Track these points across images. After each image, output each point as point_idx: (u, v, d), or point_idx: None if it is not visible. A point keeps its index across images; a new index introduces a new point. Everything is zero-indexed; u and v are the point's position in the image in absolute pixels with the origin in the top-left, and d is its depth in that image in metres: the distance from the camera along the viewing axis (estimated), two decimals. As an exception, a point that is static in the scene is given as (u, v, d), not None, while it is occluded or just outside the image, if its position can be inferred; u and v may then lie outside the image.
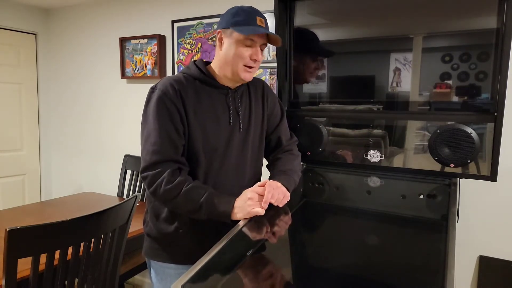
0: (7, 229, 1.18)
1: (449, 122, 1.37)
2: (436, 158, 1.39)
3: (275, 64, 1.88)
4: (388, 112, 1.51)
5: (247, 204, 1.14)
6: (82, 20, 3.13)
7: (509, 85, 1.41)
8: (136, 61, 2.81)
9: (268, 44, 1.26)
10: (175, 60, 2.64)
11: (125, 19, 2.87)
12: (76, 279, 1.47)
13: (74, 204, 2.34)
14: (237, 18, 1.19)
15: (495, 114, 1.29)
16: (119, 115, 2.99)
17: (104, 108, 3.07)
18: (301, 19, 1.64)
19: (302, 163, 1.59)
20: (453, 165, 1.37)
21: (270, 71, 2.26)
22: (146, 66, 2.76)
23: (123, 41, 2.86)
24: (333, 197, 1.49)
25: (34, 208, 2.27)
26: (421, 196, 1.38)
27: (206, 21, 2.46)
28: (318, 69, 1.65)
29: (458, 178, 1.37)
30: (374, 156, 1.50)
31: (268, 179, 1.28)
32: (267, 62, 2.26)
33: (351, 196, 1.49)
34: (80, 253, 1.42)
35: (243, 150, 1.32)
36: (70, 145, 3.33)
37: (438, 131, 1.38)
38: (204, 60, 1.32)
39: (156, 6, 2.70)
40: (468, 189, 1.69)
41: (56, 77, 3.35)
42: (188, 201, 1.16)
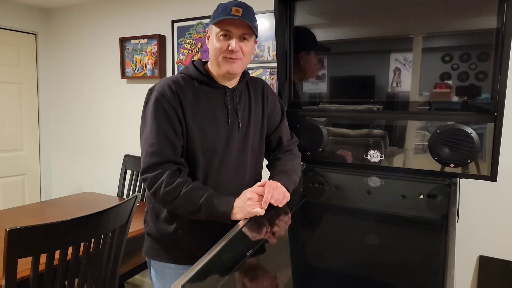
0: (7, 229, 1.18)
1: (449, 122, 1.37)
2: (436, 158, 1.39)
3: (275, 64, 1.88)
4: (388, 112, 1.51)
5: (247, 204, 1.14)
6: (82, 20, 3.13)
7: (509, 85, 1.41)
8: (136, 61, 2.81)
9: (268, 44, 1.25)
10: (175, 60, 2.64)
11: (125, 19, 2.87)
12: (76, 279, 1.47)
13: (74, 204, 2.34)
14: (215, 13, 1.20)
15: (495, 114, 1.29)
16: (119, 115, 2.99)
17: (104, 108, 3.07)
18: (301, 19, 1.64)
19: (302, 163, 1.58)
20: (453, 165, 1.36)
21: (270, 71, 2.25)
22: (146, 66, 2.76)
23: (123, 41, 2.86)
24: (333, 197, 1.49)
25: (34, 208, 2.27)
26: (421, 196, 1.38)
27: (206, 21, 2.46)
28: (318, 69, 1.65)
29: (458, 178, 1.37)
30: (374, 156, 1.50)
31: (268, 179, 1.28)
32: (267, 62, 2.25)
33: (351, 196, 1.49)
34: (80, 253, 1.42)
35: (243, 150, 1.31)
36: (70, 145, 3.33)
37: (438, 131, 1.38)
38: (204, 60, 1.31)
39: (156, 6, 2.70)
40: (468, 189, 1.68)
41: (56, 77, 3.36)
42: (188, 203, 1.15)
